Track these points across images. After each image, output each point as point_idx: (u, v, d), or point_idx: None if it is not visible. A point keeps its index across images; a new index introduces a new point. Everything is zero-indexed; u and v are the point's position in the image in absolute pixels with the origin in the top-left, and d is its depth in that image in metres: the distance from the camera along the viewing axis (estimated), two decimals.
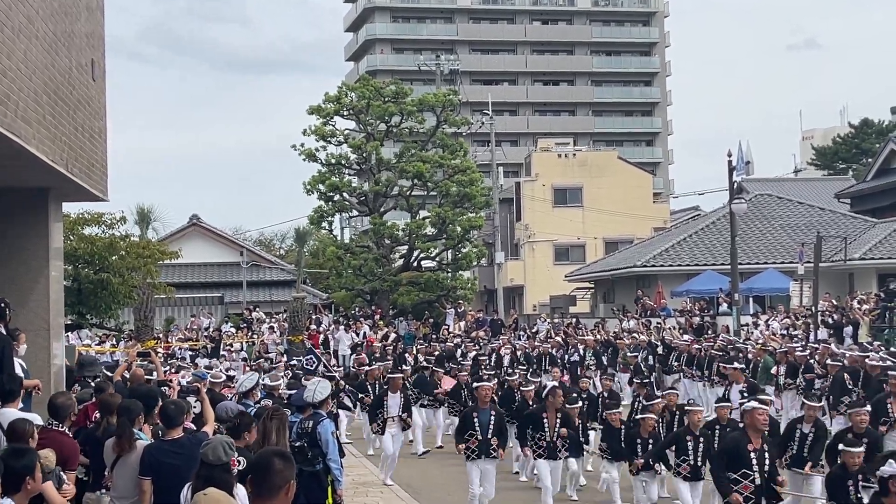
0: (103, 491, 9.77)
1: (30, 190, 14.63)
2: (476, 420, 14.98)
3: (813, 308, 32.13)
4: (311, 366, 25.27)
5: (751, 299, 39.99)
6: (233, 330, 41.50)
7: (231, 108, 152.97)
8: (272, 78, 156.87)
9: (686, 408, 14.86)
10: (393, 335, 38.79)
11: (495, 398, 17.49)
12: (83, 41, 14.59)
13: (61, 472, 8.71)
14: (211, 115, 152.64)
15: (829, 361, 21.46)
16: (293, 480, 5.62)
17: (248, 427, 10.03)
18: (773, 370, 23.80)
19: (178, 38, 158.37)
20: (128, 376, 14.39)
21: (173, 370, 25.27)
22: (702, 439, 13.73)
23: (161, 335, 38.35)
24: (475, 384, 16.47)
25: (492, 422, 14.96)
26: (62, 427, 9.49)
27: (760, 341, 28.07)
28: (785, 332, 31.18)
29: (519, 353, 31.56)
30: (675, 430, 15.16)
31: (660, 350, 30.02)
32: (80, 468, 10.39)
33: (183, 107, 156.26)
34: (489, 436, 14.88)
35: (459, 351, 32.38)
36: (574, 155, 64.90)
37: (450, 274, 47.96)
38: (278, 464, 5.57)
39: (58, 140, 12.89)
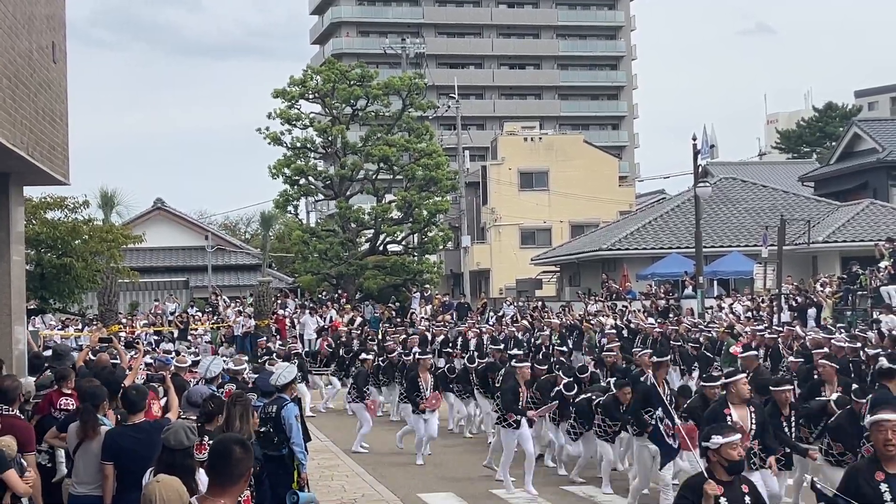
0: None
1: None
2: None
3: (777, 290, 32.35)
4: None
5: (715, 282, 40.19)
6: (198, 314, 41.32)
7: (195, 91, 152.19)
8: (235, 62, 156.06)
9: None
10: (359, 319, 38.75)
11: None
12: (43, 23, 14.43)
13: (22, 460, 8.66)
14: (174, 99, 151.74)
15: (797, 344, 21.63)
16: (251, 468, 5.53)
17: (219, 411, 9.96)
18: (733, 350, 23.86)
19: (134, 22, 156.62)
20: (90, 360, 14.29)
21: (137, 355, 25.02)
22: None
23: (125, 320, 38.17)
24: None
25: None
26: (12, 410, 9.42)
27: (725, 324, 28.21)
28: (749, 314, 31.37)
29: (485, 336, 31.54)
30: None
31: (625, 333, 30.11)
32: (45, 454, 10.33)
33: (146, 90, 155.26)
34: None
35: (429, 335, 32.37)
36: (540, 139, 64.89)
37: (416, 258, 47.94)
38: (238, 452, 5.40)
39: (18, 124, 12.75)
